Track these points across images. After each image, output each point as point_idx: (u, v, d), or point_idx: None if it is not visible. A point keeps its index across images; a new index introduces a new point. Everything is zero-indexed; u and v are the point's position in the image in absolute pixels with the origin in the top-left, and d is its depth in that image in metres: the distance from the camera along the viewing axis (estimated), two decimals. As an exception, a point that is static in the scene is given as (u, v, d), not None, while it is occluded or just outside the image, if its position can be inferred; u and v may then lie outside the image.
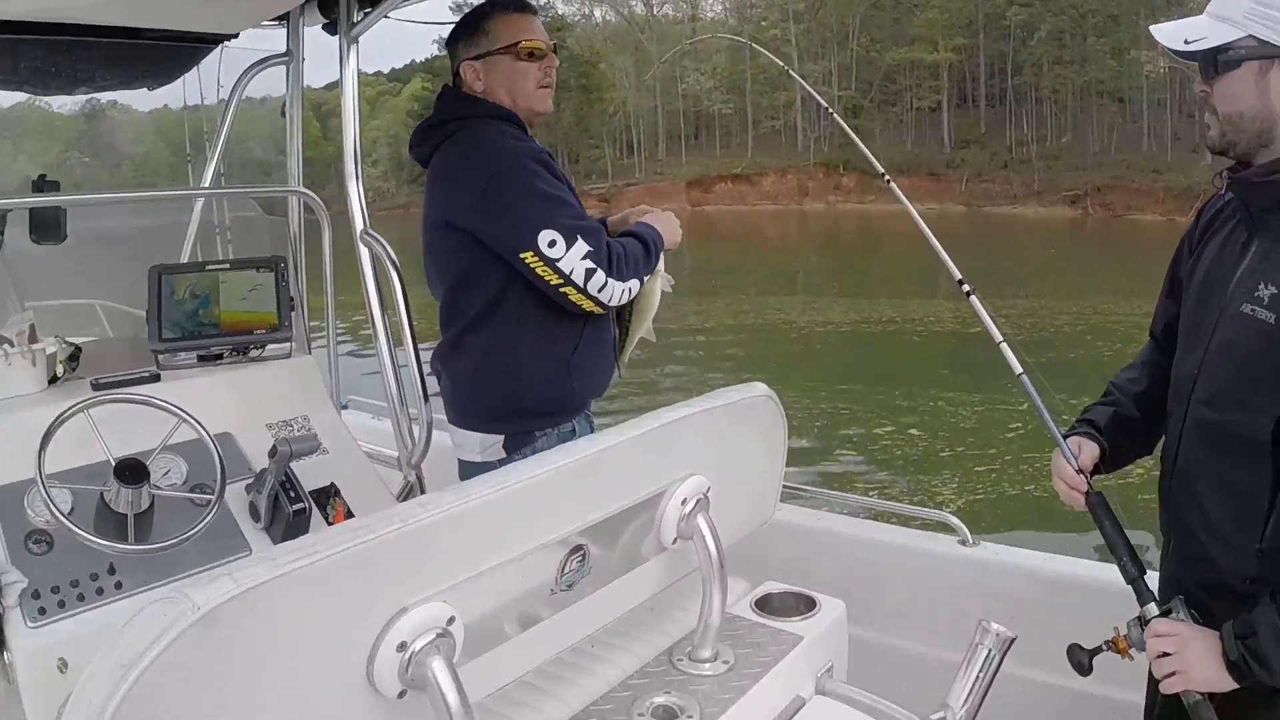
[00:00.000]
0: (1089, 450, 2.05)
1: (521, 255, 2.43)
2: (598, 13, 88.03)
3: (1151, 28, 1.81)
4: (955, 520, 2.84)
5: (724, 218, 66.64)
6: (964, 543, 2.79)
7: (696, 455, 1.68)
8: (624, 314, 2.74)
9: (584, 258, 2.43)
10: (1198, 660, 1.72)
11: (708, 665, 1.65)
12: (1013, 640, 1.81)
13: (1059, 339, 18.72)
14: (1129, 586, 1.90)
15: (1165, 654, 1.78)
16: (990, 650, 1.80)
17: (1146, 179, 54.85)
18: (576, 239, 2.43)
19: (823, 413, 13.46)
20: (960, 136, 70.65)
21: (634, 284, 2.57)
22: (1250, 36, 1.66)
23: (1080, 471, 2.00)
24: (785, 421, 1.91)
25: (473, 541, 1.28)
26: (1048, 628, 2.16)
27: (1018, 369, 2.18)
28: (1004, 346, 2.19)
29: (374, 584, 1.15)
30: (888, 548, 2.89)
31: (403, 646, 1.16)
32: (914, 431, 12.15)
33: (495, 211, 2.45)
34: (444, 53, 2.75)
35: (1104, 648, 1.90)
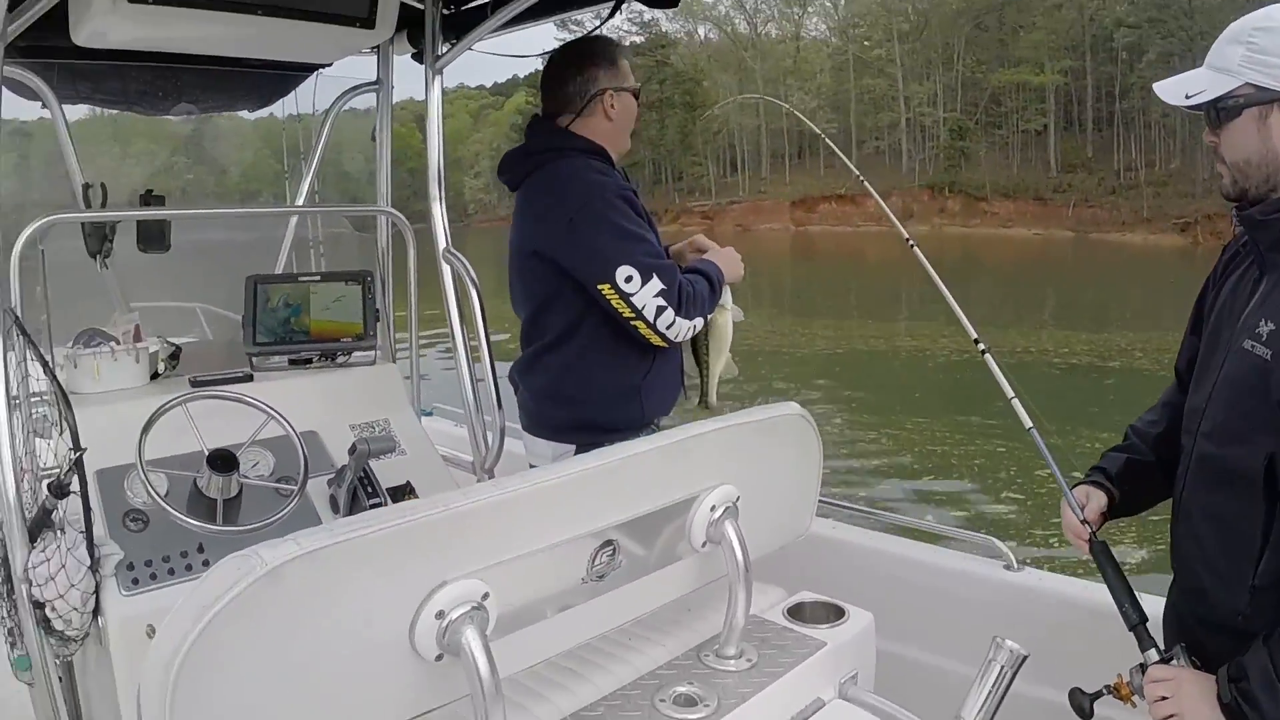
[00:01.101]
0: (1096, 500, 2.09)
1: (599, 287, 2.57)
2: (701, 30, 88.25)
3: (1154, 86, 1.82)
4: (1001, 545, 2.85)
5: (827, 238, 65.68)
6: (1008, 567, 2.79)
7: (726, 466, 1.77)
8: (700, 350, 2.84)
9: (656, 295, 2.57)
10: (1192, 704, 1.74)
11: (732, 662, 1.74)
12: (1024, 658, 1.84)
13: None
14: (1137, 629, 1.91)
15: (1163, 698, 1.79)
16: (1003, 666, 1.84)
17: (1258, 208, 52.22)
18: (652, 276, 2.56)
19: (973, 453, 12.51)
20: (1067, 160, 68.83)
21: (698, 321, 2.69)
22: (1247, 84, 1.68)
23: (1086, 522, 2.04)
24: (819, 440, 1.97)
25: (508, 528, 1.41)
26: (1079, 653, 2.17)
27: (1028, 424, 2.24)
28: (1015, 402, 2.26)
29: (418, 557, 1.30)
30: (929, 568, 2.91)
31: (441, 615, 1.30)
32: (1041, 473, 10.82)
33: (579, 244, 2.59)
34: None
35: (1105, 692, 1.92)
